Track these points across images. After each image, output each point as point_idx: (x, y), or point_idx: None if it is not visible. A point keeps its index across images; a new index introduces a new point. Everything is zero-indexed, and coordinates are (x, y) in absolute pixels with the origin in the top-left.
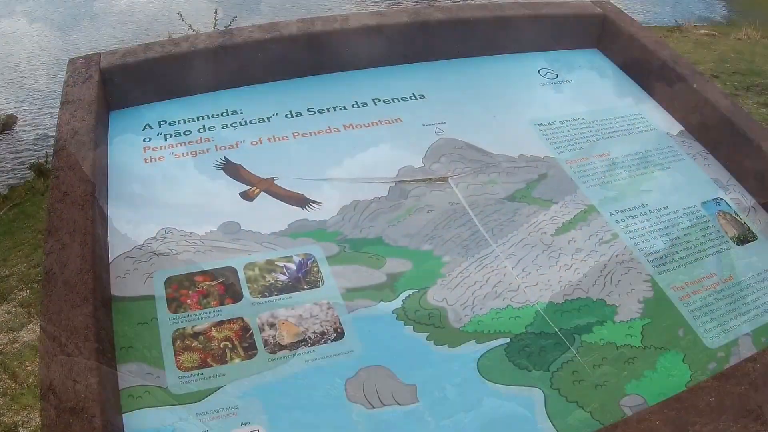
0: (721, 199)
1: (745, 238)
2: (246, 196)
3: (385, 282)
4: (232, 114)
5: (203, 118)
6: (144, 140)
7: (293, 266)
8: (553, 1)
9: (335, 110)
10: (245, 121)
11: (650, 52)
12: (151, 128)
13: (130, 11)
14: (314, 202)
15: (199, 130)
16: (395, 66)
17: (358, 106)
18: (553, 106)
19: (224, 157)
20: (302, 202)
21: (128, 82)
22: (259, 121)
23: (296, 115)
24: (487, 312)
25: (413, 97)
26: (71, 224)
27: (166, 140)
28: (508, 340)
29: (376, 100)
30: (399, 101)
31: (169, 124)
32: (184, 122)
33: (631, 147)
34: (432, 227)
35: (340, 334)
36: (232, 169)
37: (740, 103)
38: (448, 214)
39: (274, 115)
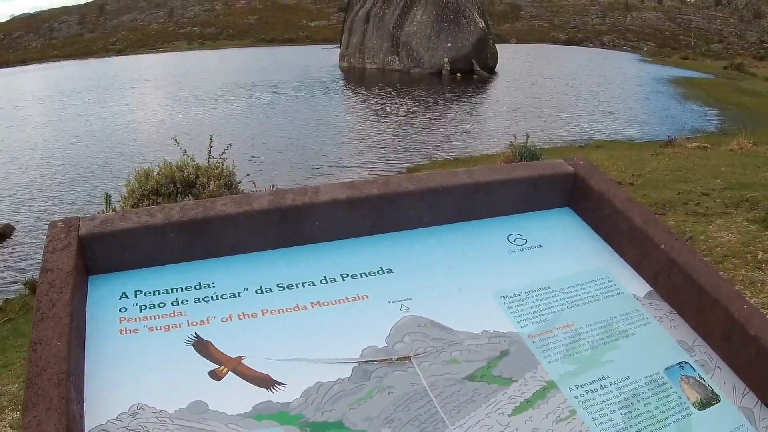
0: (686, 362)
1: (707, 401)
2: (214, 375)
3: None
4: (204, 287)
5: (177, 290)
6: (120, 310)
7: None
8: (525, 164)
9: (304, 286)
10: (217, 296)
11: (619, 213)
12: (128, 298)
13: (126, 137)
14: (279, 383)
15: (172, 303)
16: (365, 237)
17: (327, 282)
18: (520, 276)
19: (195, 333)
20: (268, 383)
21: (106, 250)
22: (230, 296)
23: (266, 291)
24: None
25: (381, 272)
26: (47, 401)
27: (141, 312)
28: None
29: (344, 275)
30: (366, 276)
31: (145, 294)
32: (159, 293)
33: (596, 315)
34: (392, 409)
35: None
36: (202, 347)
37: (730, 221)
38: (408, 396)
39: (244, 290)
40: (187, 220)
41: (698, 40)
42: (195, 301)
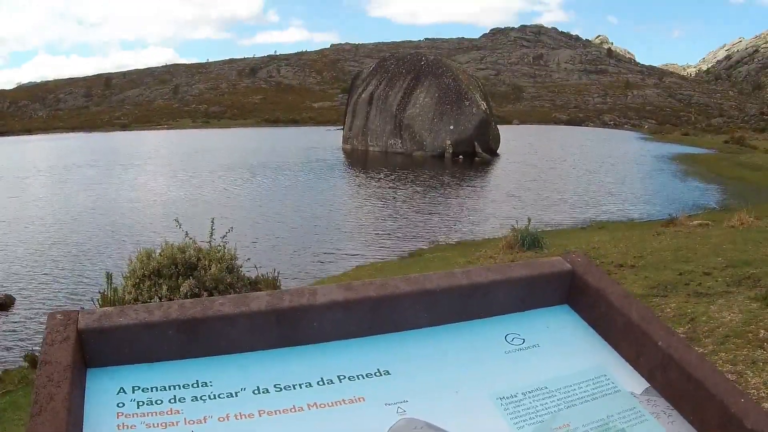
0: None
1: None
2: None
3: None
4: (202, 386)
5: (175, 388)
6: (118, 405)
7: None
8: (523, 263)
9: (301, 387)
10: (214, 395)
11: (616, 309)
12: (125, 393)
13: (127, 215)
14: None
15: (170, 400)
16: (362, 338)
17: (323, 383)
18: (518, 376)
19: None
20: None
21: (104, 345)
22: (227, 396)
23: (263, 392)
24: None
25: (377, 373)
26: None
27: (138, 408)
28: None
29: (341, 377)
30: (363, 378)
31: (143, 390)
32: (156, 390)
33: (593, 414)
34: None
35: None
36: None
37: (731, 300)
38: None
39: (242, 390)
40: (185, 319)
41: (698, 116)
42: (192, 400)
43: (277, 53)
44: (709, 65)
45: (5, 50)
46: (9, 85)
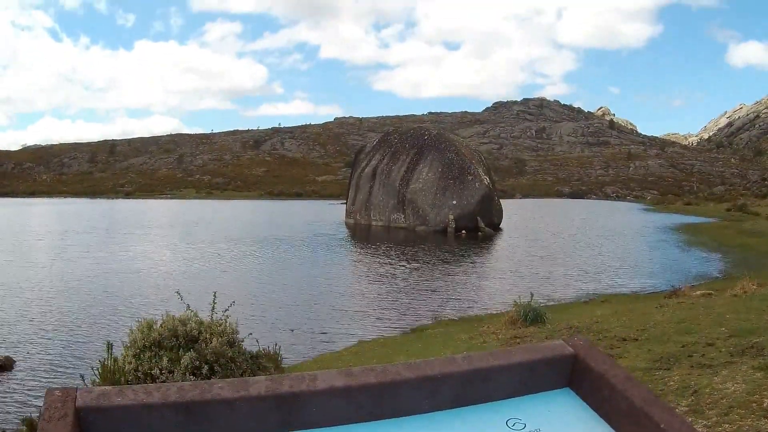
0: None
1: None
2: None
3: None
4: None
5: None
6: None
7: None
8: (524, 347)
9: None
10: None
11: (619, 392)
12: None
13: (126, 284)
14: None
15: None
16: (362, 423)
17: None
18: None
19: None
20: None
21: (102, 424)
22: None
23: None
24: None
25: None
26: None
27: None
28: None
29: None
30: None
31: None
32: None
33: None
34: None
35: None
36: None
37: (735, 371)
38: None
39: None
40: (183, 402)
41: (701, 184)
42: None
43: (281, 126)
44: (711, 133)
45: (11, 110)
46: (14, 146)
